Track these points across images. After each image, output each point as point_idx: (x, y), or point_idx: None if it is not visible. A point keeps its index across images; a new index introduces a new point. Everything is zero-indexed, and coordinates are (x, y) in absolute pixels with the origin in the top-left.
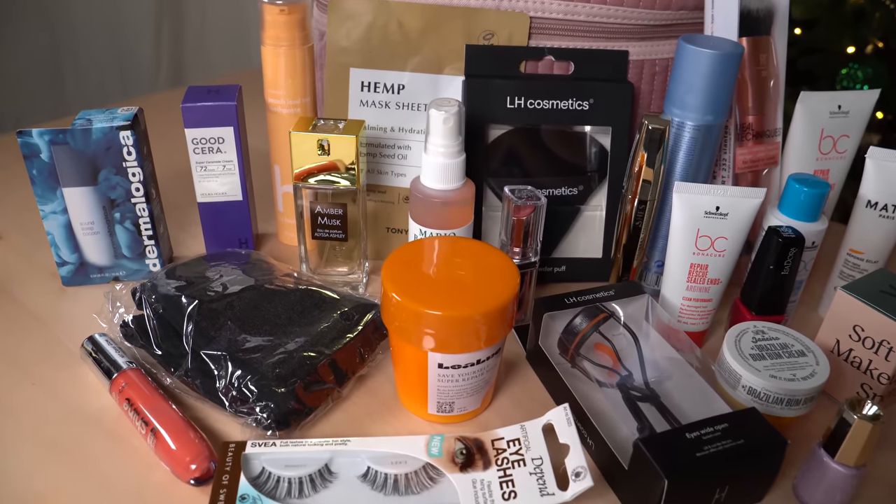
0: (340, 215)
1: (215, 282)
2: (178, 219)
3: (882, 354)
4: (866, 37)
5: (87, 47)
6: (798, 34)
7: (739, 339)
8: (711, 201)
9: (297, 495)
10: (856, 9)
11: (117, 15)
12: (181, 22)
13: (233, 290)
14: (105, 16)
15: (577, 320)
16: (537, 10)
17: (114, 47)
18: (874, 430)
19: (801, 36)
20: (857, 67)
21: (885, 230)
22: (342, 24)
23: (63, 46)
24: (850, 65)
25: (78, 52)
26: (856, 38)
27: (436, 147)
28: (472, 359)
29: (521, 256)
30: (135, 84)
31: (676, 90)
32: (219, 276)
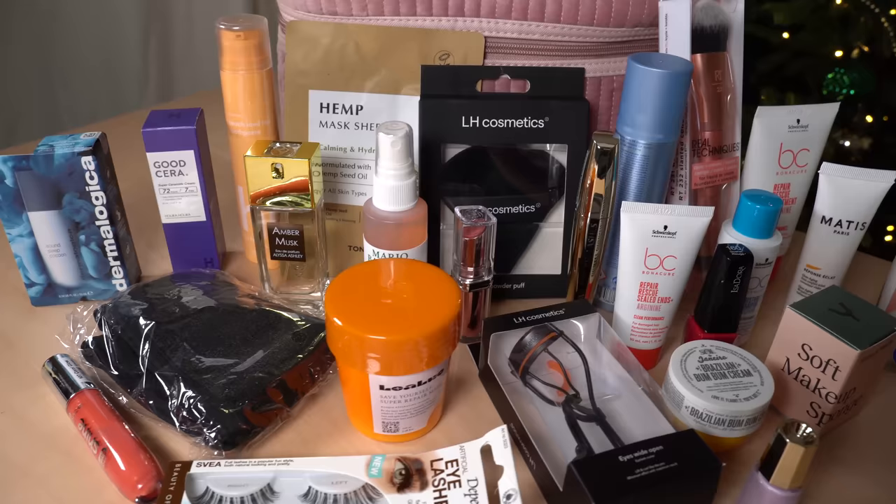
0: (298, 236)
1: (175, 302)
2: (148, 238)
3: (829, 373)
4: (852, 41)
5: (78, 63)
6: (785, 38)
7: (685, 359)
8: (659, 220)
9: None
10: (841, 13)
11: (107, 32)
12: (168, 37)
13: (191, 310)
14: (94, 33)
15: (526, 339)
16: (492, 30)
17: (104, 63)
18: (807, 453)
19: (788, 41)
20: (842, 72)
21: (840, 246)
22: (300, 47)
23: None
24: (836, 69)
25: (68, 68)
26: (842, 43)
27: (386, 170)
28: (413, 380)
29: (473, 276)
30: (124, 99)
31: (627, 109)
32: (179, 296)
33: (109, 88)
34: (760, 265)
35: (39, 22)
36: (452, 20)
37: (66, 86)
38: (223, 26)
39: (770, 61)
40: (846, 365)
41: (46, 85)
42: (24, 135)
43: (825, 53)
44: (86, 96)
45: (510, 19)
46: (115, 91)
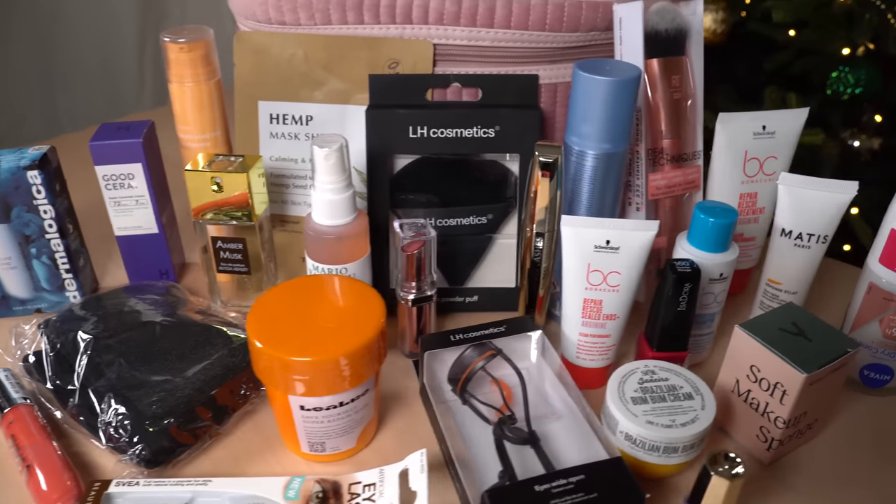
0: (242, 249)
1: (120, 316)
2: (107, 249)
3: (777, 397)
4: (856, 39)
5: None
6: (791, 36)
7: (625, 381)
8: (601, 235)
9: None
10: (845, 9)
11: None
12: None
13: (133, 324)
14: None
15: (465, 356)
16: (441, 37)
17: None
18: (732, 487)
19: (793, 39)
20: (847, 71)
21: (801, 260)
22: (248, 57)
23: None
24: (840, 68)
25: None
26: (846, 41)
27: (322, 184)
28: (334, 401)
29: (416, 290)
30: (122, 102)
31: (573, 119)
32: (126, 309)
33: (107, 91)
34: (715, 280)
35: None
36: (401, 28)
37: (65, 89)
38: (167, 39)
39: (776, 60)
40: (793, 389)
41: (47, 87)
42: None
43: (830, 51)
44: (84, 99)
45: (459, 26)
46: (113, 93)
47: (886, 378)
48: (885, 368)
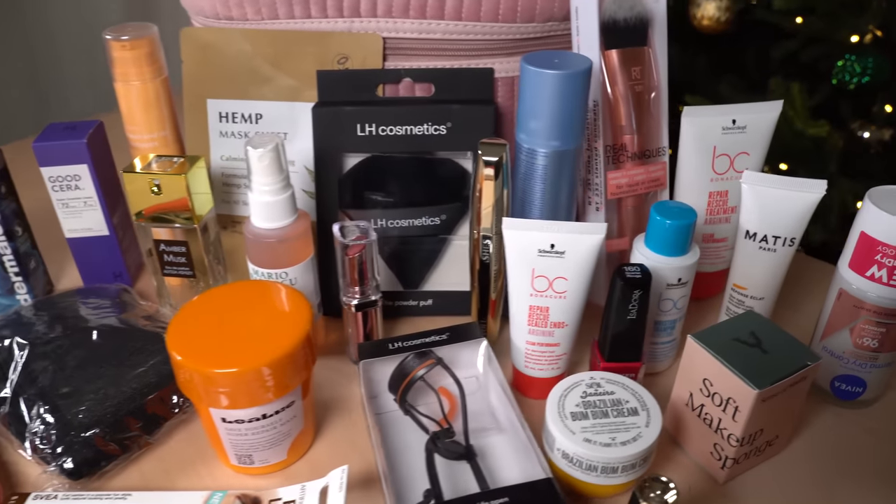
0: (185, 252)
1: (62, 321)
2: (64, 251)
3: (730, 413)
4: (862, 25)
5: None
6: (799, 23)
7: (567, 394)
8: (545, 238)
9: None
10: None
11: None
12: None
13: (73, 330)
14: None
15: (405, 364)
16: (390, 30)
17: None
18: None
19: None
20: (853, 59)
21: (767, 264)
22: (195, 54)
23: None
24: (845, 56)
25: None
26: (854, 28)
27: (259, 185)
28: (256, 413)
29: (360, 295)
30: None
31: (521, 114)
32: (69, 314)
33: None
34: (673, 286)
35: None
36: (349, 21)
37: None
38: (110, 37)
39: (783, 48)
40: (746, 405)
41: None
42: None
43: (838, 39)
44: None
45: (408, 18)
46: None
47: (859, 390)
48: (857, 380)
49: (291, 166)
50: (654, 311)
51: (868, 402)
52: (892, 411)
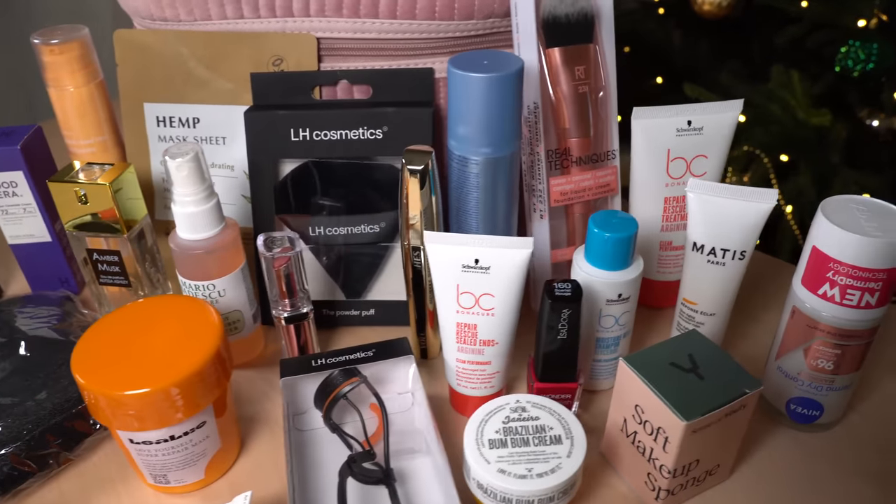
0: (118, 262)
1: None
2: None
3: (660, 443)
4: (862, 10)
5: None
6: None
7: (488, 419)
8: (469, 253)
9: None
10: None
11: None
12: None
13: (3, 342)
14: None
15: (329, 380)
16: (324, 30)
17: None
18: None
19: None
20: (857, 45)
21: (717, 278)
22: (131, 57)
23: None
24: (849, 42)
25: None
26: (858, 12)
27: (181, 196)
28: (164, 435)
29: (290, 308)
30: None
31: (451, 120)
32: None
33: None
34: (614, 302)
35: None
36: (282, 21)
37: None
38: (38, 41)
39: (787, 34)
40: (675, 437)
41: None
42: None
43: (845, 24)
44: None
45: (342, 17)
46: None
47: (816, 414)
48: (813, 403)
49: (230, 171)
50: (594, 327)
51: (827, 426)
52: (854, 436)
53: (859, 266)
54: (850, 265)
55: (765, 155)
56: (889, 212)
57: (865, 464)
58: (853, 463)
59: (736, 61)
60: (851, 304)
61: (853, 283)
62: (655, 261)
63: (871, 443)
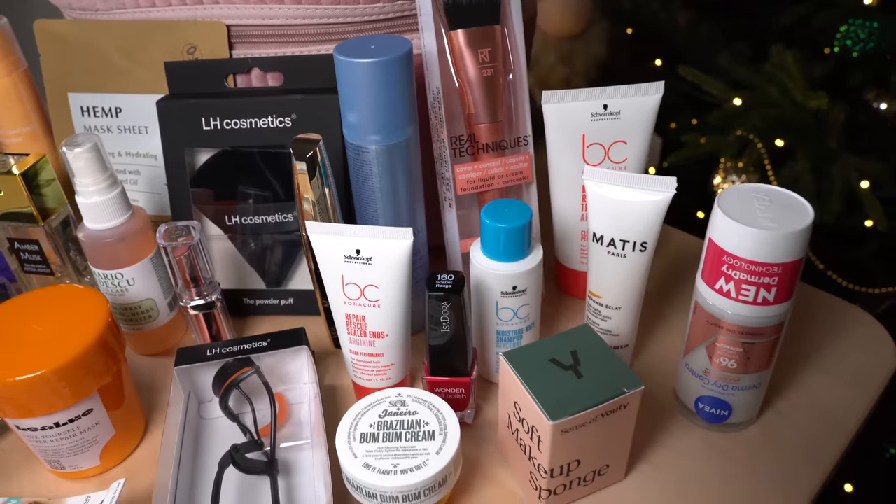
0: (38, 251)
1: None
2: None
3: (536, 442)
4: None
5: None
6: None
7: (365, 413)
8: (350, 243)
9: None
10: None
11: None
12: None
13: None
14: None
15: (223, 369)
16: (233, 16)
17: None
18: None
19: None
20: (857, 24)
21: (617, 270)
22: (52, 47)
23: None
24: (849, 21)
25: None
26: None
27: (84, 187)
28: (48, 422)
29: (198, 297)
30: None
31: (342, 108)
32: None
33: None
34: (509, 294)
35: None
36: (192, 9)
37: None
38: None
39: (793, 13)
40: (546, 436)
41: None
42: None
43: (847, 3)
44: None
45: (249, 4)
46: None
47: (724, 413)
48: (721, 403)
49: (154, 160)
50: (493, 320)
51: (739, 426)
52: (768, 436)
53: (751, 260)
54: (742, 259)
55: (759, 140)
56: (791, 202)
57: (771, 465)
58: (760, 464)
59: (740, 43)
60: (747, 300)
61: (747, 278)
62: (577, 251)
63: (783, 443)
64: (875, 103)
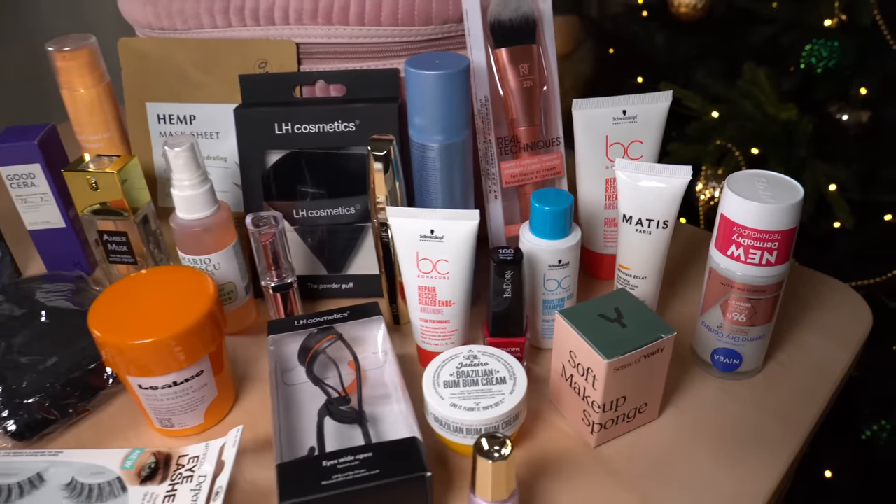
0: (125, 242)
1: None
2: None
3: (591, 382)
4: (823, 12)
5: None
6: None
7: (444, 365)
8: (425, 224)
9: (5, 501)
10: None
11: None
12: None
13: (25, 311)
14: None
15: (308, 339)
16: (302, 36)
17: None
18: (496, 468)
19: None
20: (820, 43)
21: (644, 245)
22: (133, 62)
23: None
24: (812, 41)
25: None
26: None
27: (180, 181)
28: (168, 380)
29: (276, 278)
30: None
31: (410, 112)
32: (25, 297)
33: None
34: (555, 267)
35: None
36: (265, 29)
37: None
38: (52, 48)
39: (760, 34)
40: (601, 374)
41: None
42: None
43: (811, 23)
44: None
45: (317, 24)
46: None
47: (736, 363)
48: (733, 353)
49: (223, 162)
50: (539, 290)
51: (748, 374)
52: (772, 383)
53: (757, 228)
54: (750, 228)
55: (737, 149)
56: (785, 183)
57: (775, 405)
58: (766, 405)
59: (714, 61)
60: (754, 262)
61: (753, 244)
62: (601, 236)
63: (784, 388)
64: (838, 115)
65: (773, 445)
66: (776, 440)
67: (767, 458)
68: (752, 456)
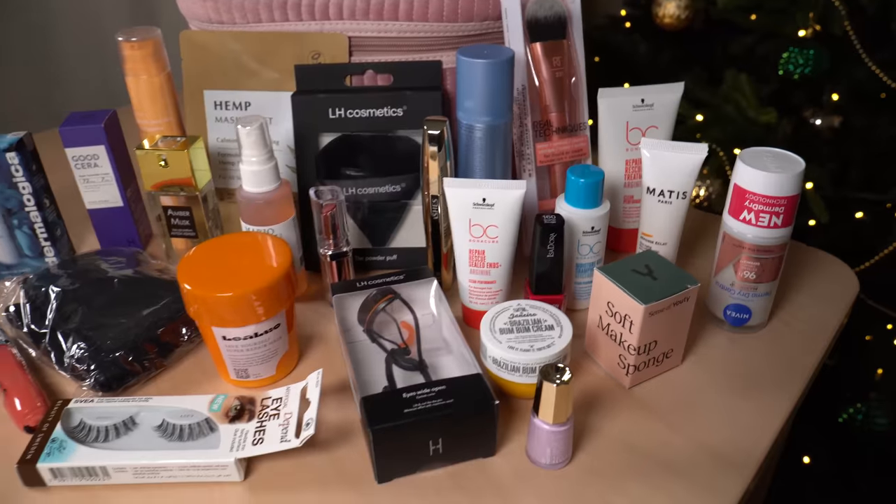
0: (189, 216)
1: (87, 274)
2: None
3: (627, 327)
4: (800, 22)
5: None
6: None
7: (497, 316)
8: (478, 193)
9: (104, 440)
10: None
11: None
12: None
13: (97, 279)
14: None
15: (368, 299)
16: (354, 30)
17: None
18: (560, 391)
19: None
20: (796, 52)
21: (665, 214)
22: (193, 53)
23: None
24: (790, 49)
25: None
26: (795, 23)
27: (248, 157)
28: (249, 332)
29: (333, 247)
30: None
31: (459, 96)
32: (93, 268)
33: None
34: (588, 233)
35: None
36: (320, 23)
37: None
38: (121, 38)
39: (740, 43)
40: (637, 319)
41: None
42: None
43: (788, 33)
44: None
45: (369, 20)
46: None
47: (745, 317)
48: (743, 308)
49: (276, 146)
50: (574, 254)
51: (755, 328)
52: (776, 335)
53: (766, 195)
54: (760, 195)
55: (720, 150)
56: (789, 158)
57: (780, 354)
58: (771, 353)
59: (697, 68)
60: (763, 225)
61: (763, 209)
62: (621, 212)
63: (787, 339)
64: (812, 119)
65: (782, 385)
66: (784, 381)
67: (778, 396)
68: (765, 394)
